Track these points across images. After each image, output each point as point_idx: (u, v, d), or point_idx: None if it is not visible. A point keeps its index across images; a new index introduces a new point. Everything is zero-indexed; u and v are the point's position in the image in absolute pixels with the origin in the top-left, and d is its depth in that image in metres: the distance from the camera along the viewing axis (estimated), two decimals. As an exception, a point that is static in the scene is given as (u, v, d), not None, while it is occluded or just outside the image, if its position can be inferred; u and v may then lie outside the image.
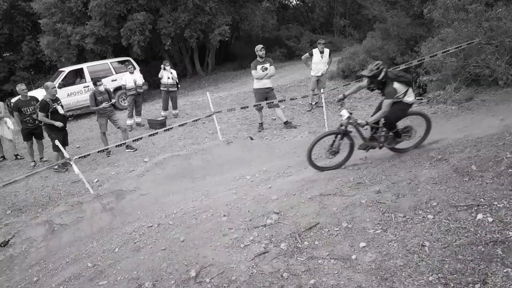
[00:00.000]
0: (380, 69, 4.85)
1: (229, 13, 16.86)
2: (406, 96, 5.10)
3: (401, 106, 5.16)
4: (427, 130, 5.41)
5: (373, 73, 4.88)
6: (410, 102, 5.20)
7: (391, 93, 4.89)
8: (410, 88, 5.18)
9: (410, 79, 5.22)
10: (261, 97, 7.95)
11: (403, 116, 5.35)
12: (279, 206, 4.33)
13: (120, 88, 12.35)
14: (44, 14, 15.40)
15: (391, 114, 5.10)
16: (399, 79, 4.98)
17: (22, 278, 4.10)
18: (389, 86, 4.91)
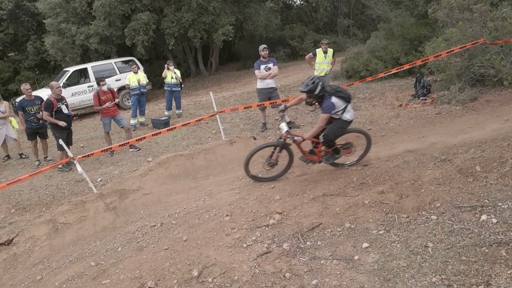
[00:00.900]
0: (316, 83, 4.83)
1: (233, 13, 16.88)
2: (345, 112, 5.07)
3: (340, 124, 5.14)
4: (367, 147, 5.51)
5: (308, 88, 4.84)
6: (349, 120, 5.17)
7: (328, 107, 4.84)
8: (349, 105, 5.15)
9: (349, 96, 5.13)
10: (265, 97, 7.94)
11: (342, 133, 5.31)
12: (282, 206, 4.33)
13: (124, 87, 12.41)
14: (48, 14, 15.49)
15: (330, 132, 5.10)
16: (337, 94, 4.94)
17: (25, 277, 4.12)
18: (326, 100, 4.87)
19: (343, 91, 5.06)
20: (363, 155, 5.55)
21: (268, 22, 18.00)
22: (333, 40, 18.69)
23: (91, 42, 15.02)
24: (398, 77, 10.82)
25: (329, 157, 5.41)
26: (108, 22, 14.77)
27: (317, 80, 4.86)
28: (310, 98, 4.97)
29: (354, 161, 5.57)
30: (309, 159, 5.42)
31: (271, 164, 5.34)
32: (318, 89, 4.84)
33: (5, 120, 8.28)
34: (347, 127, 5.25)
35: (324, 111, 4.86)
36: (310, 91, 4.85)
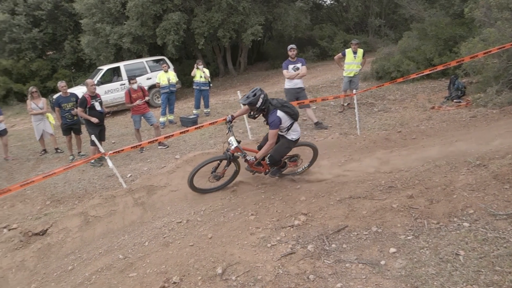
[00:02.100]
0: (257, 96, 4.59)
1: (262, 13, 16.89)
2: (290, 130, 4.92)
3: (285, 144, 5.00)
4: (313, 158, 5.61)
5: (249, 100, 4.63)
6: (295, 139, 5.00)
7: (274, 122, 4.64)
8: (296, 123, 4.97)
9: (296, 113, 4.91)
10: (292, 97, 7.90)
11: (287, 153, 5.19)
12: (307, 207, 4.29)
13: (154, 86, 12.68)
14: (85, 14, 16.04)
15: (275, 153, 4.97)
16: (283, 109, 4.73)
17: (58, 266, 4.28)
18: (272, 114, 4.67)
19: (290, 107, 4.85)
20: (310, 165, 5.64)
21: (297, 22, 17.89)
22: (364, 40, 18.34)
23: (124, 41, 15.44)
24: (431, 79, 10.49)
25: (275, 171, 5.37)
26: (140, 22, 15.13)
27: (259, 92, 4.63)
28: (252, 111, 4.74)
29: (306, 166, 5.61)
30: (255, 170, 5.31)
31: (217, 177, 5.24)
32: (260, 102, 4.61)
33: (42, 116, 8.66)
34: (293, 146, 5.12)
35: (271, 127, 4.66)
36: (250, 103, 4.63)
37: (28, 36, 18.07)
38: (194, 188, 5.30)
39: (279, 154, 5.04)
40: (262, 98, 4.61)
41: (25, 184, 5.21)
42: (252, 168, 5.19)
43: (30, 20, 18.31)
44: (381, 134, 7.10)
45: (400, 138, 6.68)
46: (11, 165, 8.34)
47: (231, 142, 4.94)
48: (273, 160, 5.03)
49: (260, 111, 4.72)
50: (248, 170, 5.26)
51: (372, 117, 8.35)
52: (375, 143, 6.58)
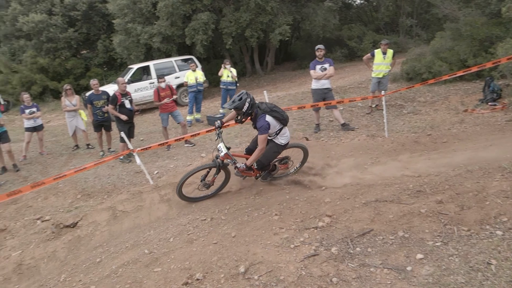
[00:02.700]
0: (243, 100, 4.51)
1: (290, 13, 16.82)
2: (279, 135, 4.83)
3: (273, 148, 4.90)
4: (304, 159, 5.58)
5: (235, 105, 4.54)
6: (283, 144, 4.90)
7: (263, 127, 4.54)
8: (285, 128, 4.87)
9: (286, 118, 4.81)
10: (319, 97, 7.83)
11: (275, 157, 5.08)
12: (332, 209, 4.24)
13: (182, 85, 12.89)
14: (117, 14, 16.50)
15: (264, 158, 4.87)
16: (272, 114, 4.63)
17: (86, 258, 4.43)
18: (260, 119, 4.56)
19: (279, 112, 4.76)
20: (300, 166, 5.61)
21: (325, 22, 17.70)
22: (394, 41, 17.92)
23: (154, 41, 15.77)
24: (464, 81, 10.13)
25: (266, 175, 5.31)
26: (170, 22, 15.41)
27: (245, 96, 4.55)
28: (239, 115, 4.67)
29: (297, 167, 5.56)
30: (245, 175, 5.23)
31: (207, 185, 5.18)
32: (246, 106, 4.53)
33: (75, 113, 9.00)
34: (282, 151, 5.05)
35: (260, 132, 4.58)
36: (236, 108, 4.56)
37: (64, 36, 18.78)
38: (183, 197, 5.23)
39: (267, 159, 4.97)
40: (248, 102, 4.55)
41: (58, 177, 5.41)
42: (242, 173, 5.11)
43: (66, 20, 19.02)
44: (410, 136, 6.92)
45: (430, 141, 6.49)
46: (45, 159, 8.70)
47: (220, 149, 4.87)
48: (262, 165, 4.97)
49: (247, 115, 4.66)
50: (238, 175, 5.17)
51: (401, 119, 8.16)
52: (404, 146, 6.42)
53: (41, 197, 6.38)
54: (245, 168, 4.80)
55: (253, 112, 4.67)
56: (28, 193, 5.90)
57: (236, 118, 4.77)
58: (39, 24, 17.98)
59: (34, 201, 6.27)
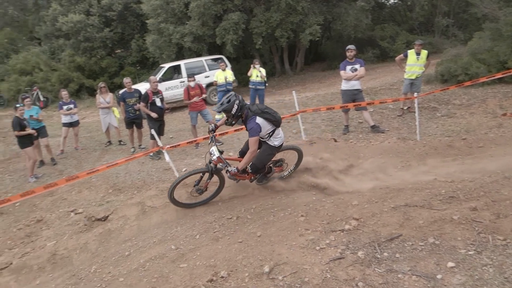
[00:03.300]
0: (231, 102, 4.42)
1: (321, 13, 16.65)
2: (272, 137, 4.71)
3: (267, 151, 4.78)
4: (298, 161, 5.51)
5: (223, 107, 4.46)
6: (277, 145, 4.78)
7: (253, 129, 4.43)
8: (278, 129, 4.75)
9: (278, 120, 4.68)
10: (349, 98, 7.71)
11: (269, 159, 4.94)
12: (359, 212, 4.17)
13: (212, 84, 13.04)
14: (151, 15, 16.91)
15: (257, 161, 4.76)
16: (263, 115, 4.50)
17: (116, 251, 4.56)
18: (251, 121, 4.45)
19: (271, 113, 4.64)
20: (295, 168, 5.52)
21: (357, 22, 17.39)
22: (429, 41, 17.35)
23: (185, 40, 16.04)
24: (503, 83, 9.67)
25: (261, 178, 5.21)
26: (201, 22, 15.63)
27: (233, 98, 4.49)
28: (229, 118, 4.61)
29: (292, 169, 5.46)
30: (239, 179, 5.13)
31: (200, 191, 5.10)
32: (235, 108, 4.47)
33: (109, 110, 9.31)
34: (276, 153, 4.94)
35: (250, 134, 4.50)
36: (225, 110, 4.51)
37: (100, 36, 19.44)
38: (175, 202, 5.18)
39: (261, 162, 4.89)
40: (237, 104, 4.51)
41: (91, 172, 5.61)
42: (236, 177, 5.05)
43: (102, 21, 19.68)
44: (443, 140, 6.69)
45: (465, 145, 6.25)
46: (80, 154, 9.04)
47: (213, 152, 4.82)
48: (255, 168, 4.90)
49: (236, 117, 4.62)
50: (232, 179, 5.12)
51: (434, 122, 7.90)
52: (436, 150, 6.22)
53: (75, 191, 6.63)
54: (236, 172, 4.68)
55: (243, 114, 4.62)
56: (63, 186, 6.15)
57: (226, 121, 4.74)
58: (77, 24, 18.71)
59: (68, 194, 6.53)
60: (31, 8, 22.78)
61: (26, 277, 4.36)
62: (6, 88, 19.52)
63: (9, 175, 8.06)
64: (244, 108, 4.58)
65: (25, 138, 7.43)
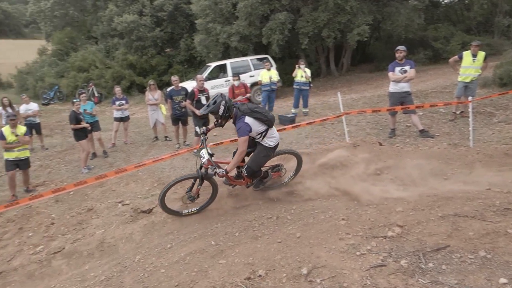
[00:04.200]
0: (217, 103, 4.25)
1: (371, 12, 16.19)
2: (265, 137, 4.50)
3: (262, 152, 4.55)
4: (298, 167, 5.30)
5: (209, 109, 4.31)
6: (272, 146, 4.54)
7: (242, 129, 4.26)
8: (272, 129, 4.52)
9: (269, 119, 4.45)
10: (396, 101, 7.44)
11: (266, 161, 4.69)
12: (403, 219, 4.01)
13: (256, 83, 13.14)
14: (199, 15, 17.35)
15: (253, 163, 4.53)
16: (253, 115, 4.30)
17: (159, 243, 4.73)
18: (239, 121, 4.29)
19: (261, 112, 4.44)
20: (294, 175, 5.29)
21: (409, 22, 16.70)
22: (487, 42, 16.28)
23: (232, 40, 16.28)
24: None
25: (258, 183, 4.99)
26: (248, 22, 15.79)
27: (219, 99, 4.34)
28: (217, 119, 4.50)
29: (292, 175, 5.24)
30: (235, 184, 4.95)
31: (191, 198, 4.95)
32: (222, 109, 4.33)
33: (156, 107, 9.67)
34: (272, 153, 4.69)
35: (239, 134, 4.36)
36: (212, 112, 4.39)
37: (151, 35, 20.25)
38: (166, 209, 5.08)
39: (257, 164, 4.72)
40: (223, 105, 4.40)
41: (138, 166, 5.86)
42: (231, 182, 4.95)
43: (154, 21, 20.49)
44: (499, 148, 6.27)
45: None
46: (128, 148, 9.47)
47: (203, 155, 4.71)
48: (251, 171, 4.72)
49: (225, 118, 4.52)
50: (227, 184, 5.01)
51: (490, 128, 7.42)
52: (491, 158, 5.84)
53: (123, 183, 6.94)
54: (225, 173, 4.56)
55: (232, 114, 4.53)
56: (113, 178, 6.46)
57: (216, 122, 4.68)
58: (130, 24, 19.62)
59: (117, 186, 6.86)
60: (89, 9, 24.19)
61: (76, 261, 4.63)
62: (65, 84, 20.93)
63: (65, 166, 8.62)
64: (231, 108, 4.50)
65: (80, 131, 7.92)
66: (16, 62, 26.94)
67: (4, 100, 10.20)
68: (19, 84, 24.37)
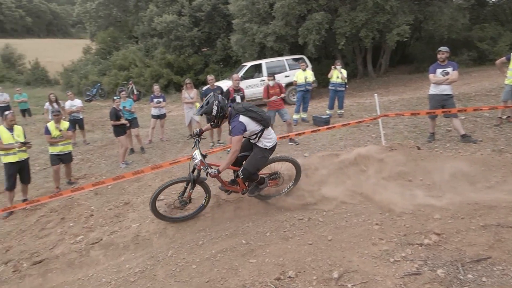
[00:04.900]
0: (210, 103, 4.16)
1: (412, 12, 15.67)
2: (261, 138, 4.33)
3: (259, 153, 4.37)
4: (297, 177, 5.07)
5: (202, 110, 4.22)
6: (269, 147, 4.35)
7: (236, 128, 4.13)
8: (268, 129, 4.35)
9: (265, 119, 4.28)
10: (437, 104, 7.16)
11: (263, 164, 4.52)
12: (441, 228, 3.87)
13: (291, 84, 13.09)
14: (236, 15, 17.52)
15: (249, 165, 4.35)
16: (248, 114, 4.16)
17: (191, 239, 4.81)
18: (234, 120, 4.17)
19: (257, 112, 4.29)
20: (293, 185, 5.06)
21: (453, 22, 16.01)
22: (540, 43, 15.35)
23: (268, 40, 16.32)
24: None
25: (253, 189, 4.77)
26: (285, 22, 15.75)
27: (212, 99, 4.25)
28: (211, 120, 4.40)
29: (291, 185, 5.06)
30: (230, 190, 4.78)
31: (183, 202, 4.81)
32: (215, 109, 4.24)
33: (192, 105, 9.86)
34: (269, 155, 4.51)
35: (233, 133, 4.23)
36: (206, 113, 4.32)
37: (189, 35, 20.69)
38: (156, 214, 4.96)
39: (253, 166, 4.55)
40: (216, 105, 4.30)
41: (173, 162, 6.00)
42: (226, 187, 4.82)
43: (192, 21, 20.93)
44: (549, 156, 5.88)
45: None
46: (164, 145, 9.72)
47: (195, 156, 4.61)
48: (247, 174, 4.56)
49: (220, 118, 4.42)
50: (223, 190, 4.88)
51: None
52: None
53: (159, 178, 7.13)
54: (217, 173, 4.44)
55: (226, 114, 4.44)
56: (149, 173, 6.65)
57: (212, 123, 4.61)
58: (170, 24, 20.14)
59: (152, 181, 7.05)
60: (132, 9, 25.07)
61: (113, 253, 4.81)
62: (107, 81, 21.83)
63: (105, 160, 8.98)
64: (225, 108, 4.42)
65: (119, 127, 8.23)
66: (62, 61, 28.53)
67: (51, 96, 10.83)
68: (65, 81, 25.75)
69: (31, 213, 6.33)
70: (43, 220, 6.00)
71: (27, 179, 6.74)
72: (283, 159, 5.17)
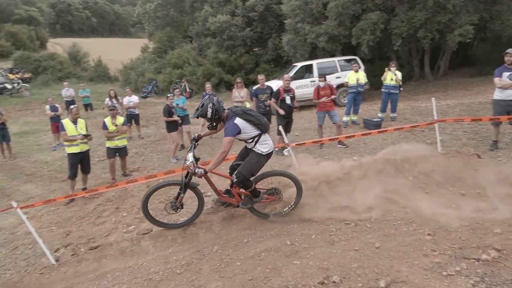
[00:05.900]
0: (205, 105, 4.06)
1: (477, 11, 14.65)
2: (258, 143, 4.16)
3: (254, 158, 4.19)
4: (298, 194, 4.85)
5: (198, 113, 4.14)
6: (265, 153, 4.17)
7: (229, 129, 3.99)
8: (265, 135, 4.17)
9: (262, 123, 4.12)
10: (502, 110, 6.66)
11: (257, 169, 4.27)
12: (502, 243, 3.60)
13: (342, 85, 12.83)
14: (289, 15, 17.48)
15: (244, 169, 4.17)
16: (245, 117, 4.01)
17: (236, 236, 4.88)
18: (229, 122, 4.03)
19: (255, 116, 4.18)
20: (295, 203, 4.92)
21: (523, 22, 14.82)
22: None
23: (320, 40, 16.11)
24: None
25: (246, 201, 4.58)
26: (338, 22, 15.44)
27: (207, 102, 4.16)
28: (207, 122, 4.31)
29: (292, 204, 4.80)
30: (226, 202, 4.60)
31: (174, 207, 4.62)
32: (210, 111, 4.16)
33: (242, 104, 9.98)
34: (265, 161, 4.36)
35: (226, 134, 4.11)
36: (201, 115, 4.24)
37: (242, 35, 21.01)
38: (148, 217, 4.89)
39: (248, 171, 4.40)
40: (210, 107, 4.23)
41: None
42: (221, 198, 4.69)
43: (245, 21, 21.23)
44: None
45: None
46: (213, 142, 9.95)
47: (188, 158, 4.51)
48: (241, 177, 4.38)
49: (216, 120, 4.35)
50: (220, 203, 4.77)
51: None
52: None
53: (207, 175, 7.31)
54: (203, 173, 4.37)
55: (223, 116, 4.37)
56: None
57: (208, 126, 4.54)
58: (223, 24, 20.58)
59: (201, 177, 7.24)
60: (187, 10, 25.93)
61: (161, 244, 5.00)
62: (161, 79, 22.78)
63: (157, 155, 9.37)
64: (221, 110, 4.35)
65: (171, 123, 8.55)
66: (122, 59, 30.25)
67: (111, 92, 11.50)
68: (123, 78, 27.28)
69: (89, 201, 6.78)
70: (99, 209, 6.40)
71: (87, 169, 7.22)
72: (281, 174, 4.97)
